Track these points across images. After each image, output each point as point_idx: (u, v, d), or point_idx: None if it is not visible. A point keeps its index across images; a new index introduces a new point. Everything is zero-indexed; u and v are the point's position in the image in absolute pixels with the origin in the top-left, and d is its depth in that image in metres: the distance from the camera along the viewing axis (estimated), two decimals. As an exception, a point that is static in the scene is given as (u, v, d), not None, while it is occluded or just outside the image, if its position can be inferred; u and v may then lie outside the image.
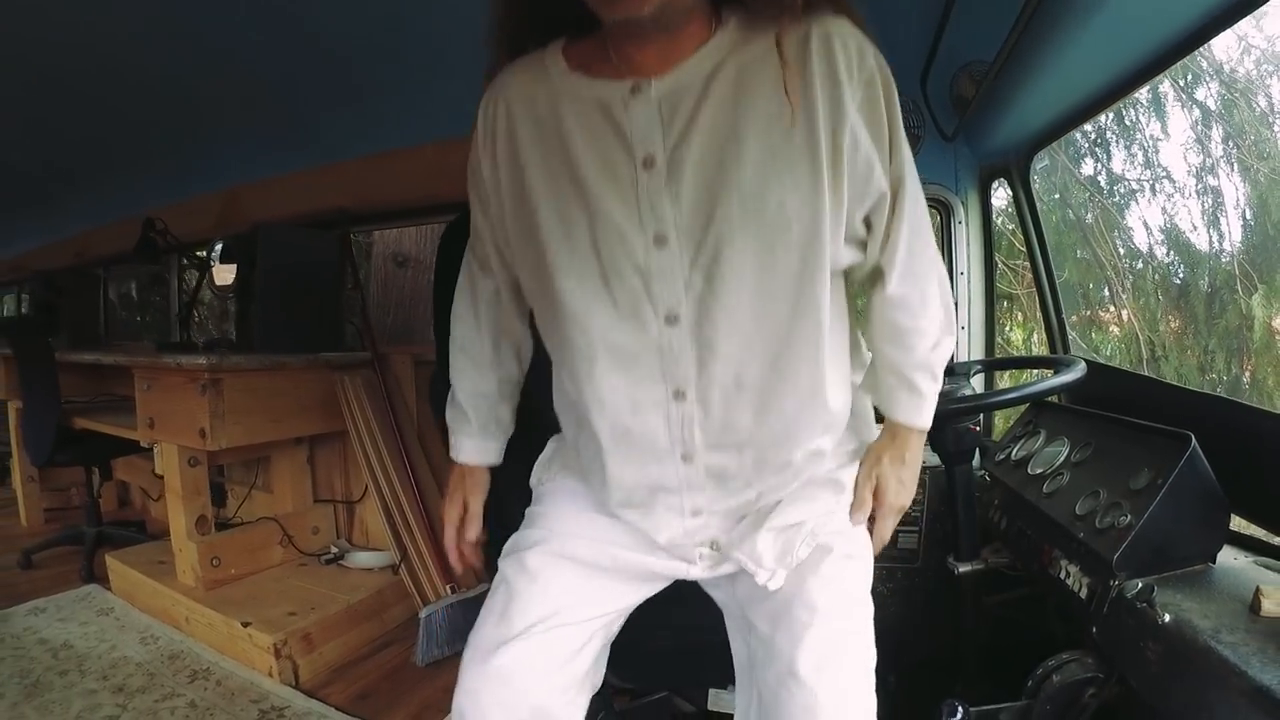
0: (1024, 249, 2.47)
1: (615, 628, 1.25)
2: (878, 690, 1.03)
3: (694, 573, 1.17)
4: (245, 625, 2.55)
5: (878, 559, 1.19)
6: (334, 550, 3.21)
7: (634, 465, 1.09)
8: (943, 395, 1.74)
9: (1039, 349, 3.57)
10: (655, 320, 0.99)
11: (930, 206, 2.48)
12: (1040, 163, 2.34)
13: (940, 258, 1.12)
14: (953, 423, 1.72)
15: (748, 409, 1.03)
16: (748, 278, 0.95)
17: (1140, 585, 1.17)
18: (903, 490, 1.18)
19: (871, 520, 1.19)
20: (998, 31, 1.73)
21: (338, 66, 3.27)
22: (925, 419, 1.16)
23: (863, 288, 1.15)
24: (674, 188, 0.94)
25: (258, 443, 2.99)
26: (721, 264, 0.94)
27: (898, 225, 1.04)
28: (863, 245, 1.06)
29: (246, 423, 2.79)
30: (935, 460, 2.10)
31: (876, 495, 1.17)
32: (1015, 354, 3.90)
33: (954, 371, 2.00)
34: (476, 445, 1.33)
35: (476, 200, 1.15)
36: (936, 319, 1.11)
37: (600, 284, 0.99)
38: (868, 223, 1.05)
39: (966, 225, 2.46)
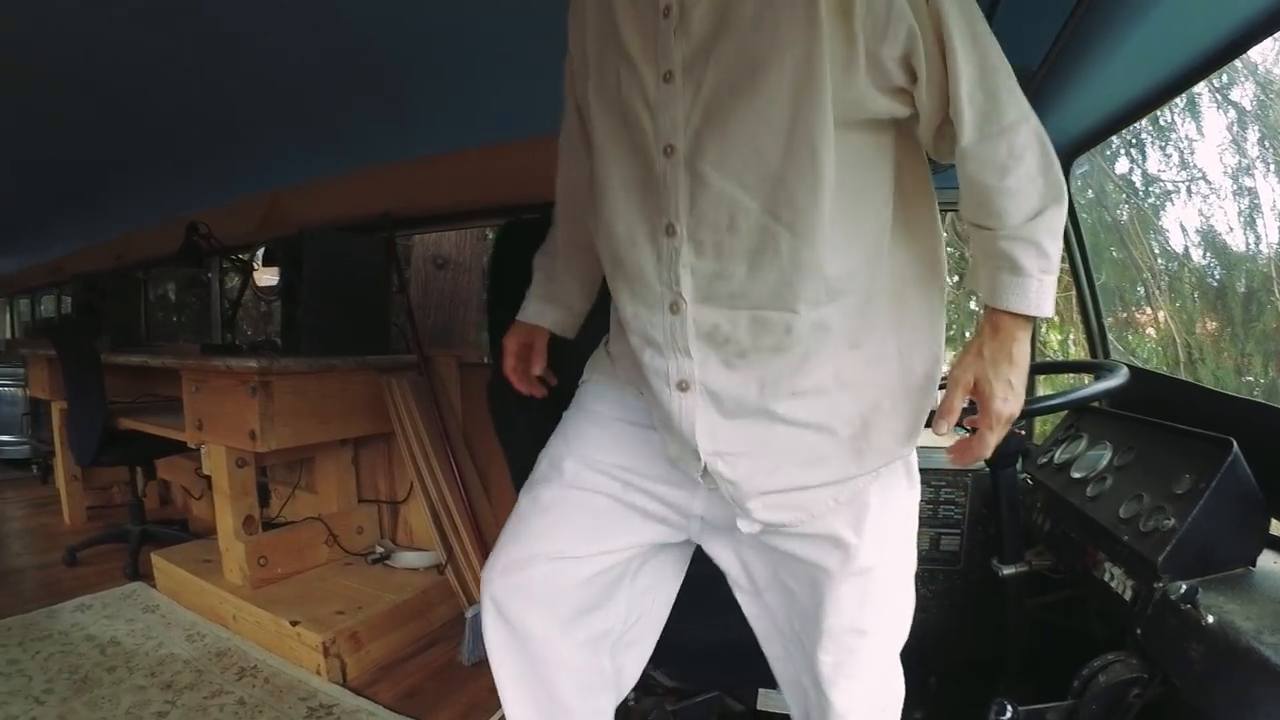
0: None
1: (629, 577, 1.30)
2: (919, 691, 1.06)
3: (695, 507, 1.21)
4: (294, 624, 2.58)
5: (920, 561, 1.20)
6: (380, 550, 3.25)
7: (633, 306, 1.11)
8: None
9: (1075, 350, 3.55)
10: (657, 152, 1.03)
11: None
12: (1080, 168, 2.33)
13: (1025, 102, 0.98)
14: None
15: (741, 257, 1.01)
16: (739, 110, 0.97)
17: (1184, 588, 1.18)
18: (1012, 396, 0.99)
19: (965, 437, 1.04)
20: (1036, 38, 1.74)
21: (381, 73, 3.31)
22: (1036, 303, 0.97)
23: (940, 152, 1.05)
24: (685, 29, 1.00)
25: (305, 444, 3.03)
26: (718, 97, 0.98)
27: (956, 66, 0.94)
28: (903, 94, 1.00)
29: (295, 425, 2.83)
30: (976, 465, 2.12)
31: (980, 400, 1.00)
32: (1051, 354, 3.89)
33: None
34: (538, 309, 1.42)
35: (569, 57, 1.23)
36: (1033, 179, 0.96)
37: (620, 120, 1.08)
38: (910, 67, 0.97)
39: None
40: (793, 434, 1.07)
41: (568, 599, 1.23)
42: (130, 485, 3.88)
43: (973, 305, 3.99)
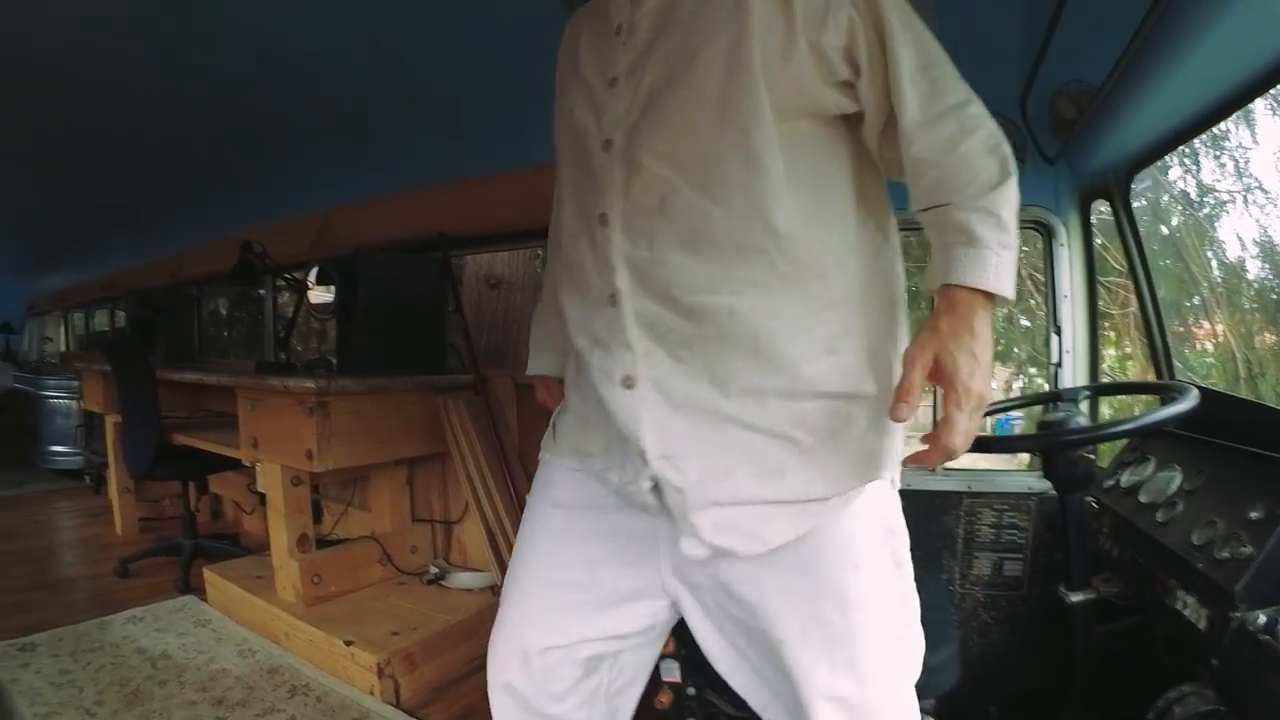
0: (1117, 265, 2.43)
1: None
2: None
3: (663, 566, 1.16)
4: (348, 643, 2.58)
5: (982, 586, 1.15)
6: (434, 570, 3.25)
7: (580, 308, 1.12)
8: (1055, 424, 1.73)
9: (1131, 367, 3.48)
10: (597, 149, 1.09)
11: (1031, 229, 2.46)
12: (1141, 183, 2.28)
13: (971, 91, 0.99)
14: (1066, 451, 1.69)
15: (675, 242, 1.00)
16: (674, 94, 1.02)
17: (1264, 618, 1.14)
18: (977, 370, 0.88)
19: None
20: (1098, 51, 1.75)
21: (434, 94, 3.35)
22: (995, 279, 0.91)
23: (887, 159, 1.06)
24: (631, 39, 1.09)
25: (361, 465, 3.04)
26: (655, 89, 1.04)
27: (896, 53, 0.97)
28: (849, 88, 1.02)
29: (352, 445, 2.84)
30: (1040, 487, 2.07)
31: (943, 378, 0.90)
32: (1108, 372, 3.81)
33: (1062, 398, 1.99)
34: (535, 359, 1.48)
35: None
36: (987, 152, 0.95)
37: (572, 131, 1.15)
38: (853, 60, 1.00)
39: (1069, 248, 2.41)
40: (749, 440, 1.01)
41: (558, 683, 1.23)
42: (183, 499, 3.92)
43: (1025, 322, 3.90)
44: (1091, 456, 1.74)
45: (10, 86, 3.80)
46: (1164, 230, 3.96)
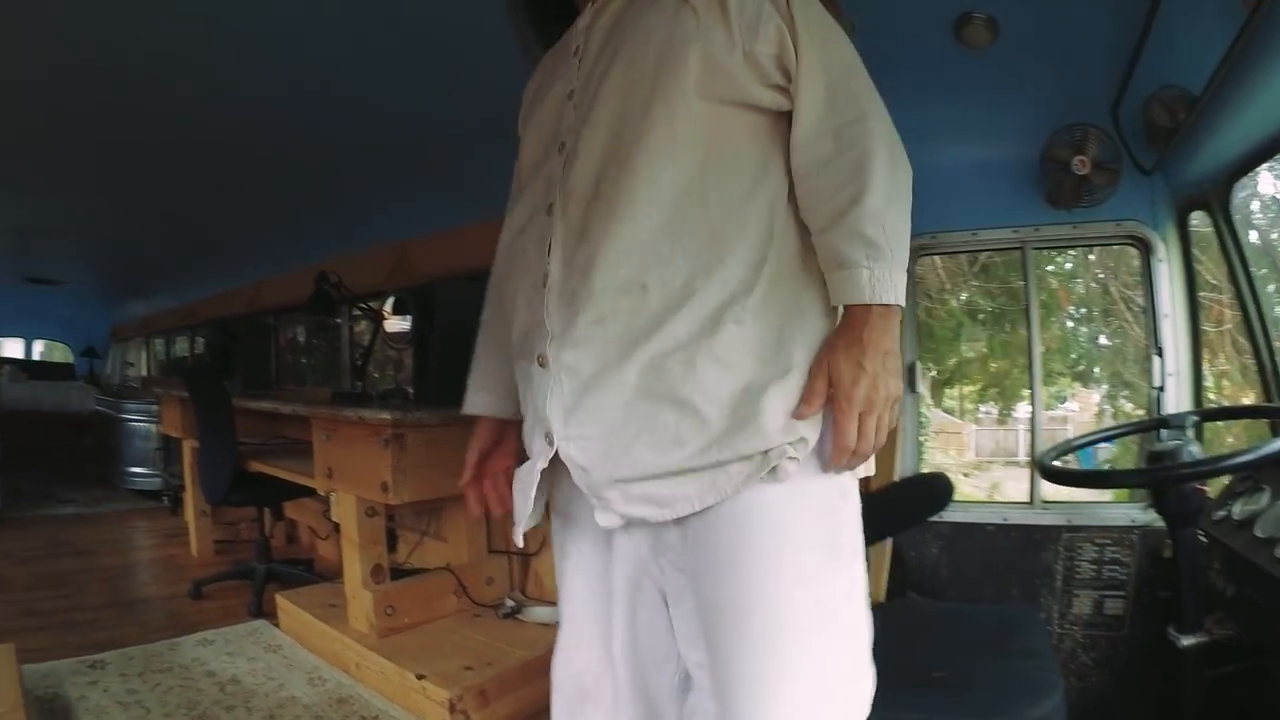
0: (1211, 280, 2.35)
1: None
2: None
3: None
4: (420, 677, 2.55)
5: (1082, 626, 1.08)
6: (510, 603, 3.21)
7: (524, 295, 1.14)
8: (1165, 455, 1.64)
9: (1227, 386, 3.32)
10: (553, 153, 1.14)
11: (1127, 244, 2.42)
12: (1243, 191, 2.17)
13: (873, 103, 1.04)
14: (1177, 485, 1.61)
15: (601, 222, 1.03)
16: (611, 91, 1.08)
17: None
18: (862, 377, 0.96)
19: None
20: (1195, 56, 1.70)
21: (505, 126, 3.38)
22: (870, 292, 0.97)
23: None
24: (587, 55, 1.15)
25: (437, 497, 3.03)
26: (602, 92, 1.09)
27: (800, 65, 1.02)
28: (784, 91, 1.05)
29: (427, 476, 2.81)
30: (1144, 519, 1.97)
31: (832, 384, 0.98)
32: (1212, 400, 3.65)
33: (1168, 424, 1.89)
34: (470, 398, 1.48)
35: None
36: (856, 169, 0.99)
37: (534, 145, 1.21)
38: (784, 68, 1.03)
39: (1168, 263, 2.33)
40: (649, 409, 1.01)
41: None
42: (257, 524, 3.98)
43: (1105, 339, 3.75)
44: (1203, 488, 1.65)
45: (110, 134, 4.01)
46: (1255, 239, 3.80)
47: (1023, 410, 3.58)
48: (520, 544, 1.21)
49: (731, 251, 1.01)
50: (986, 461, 4.23)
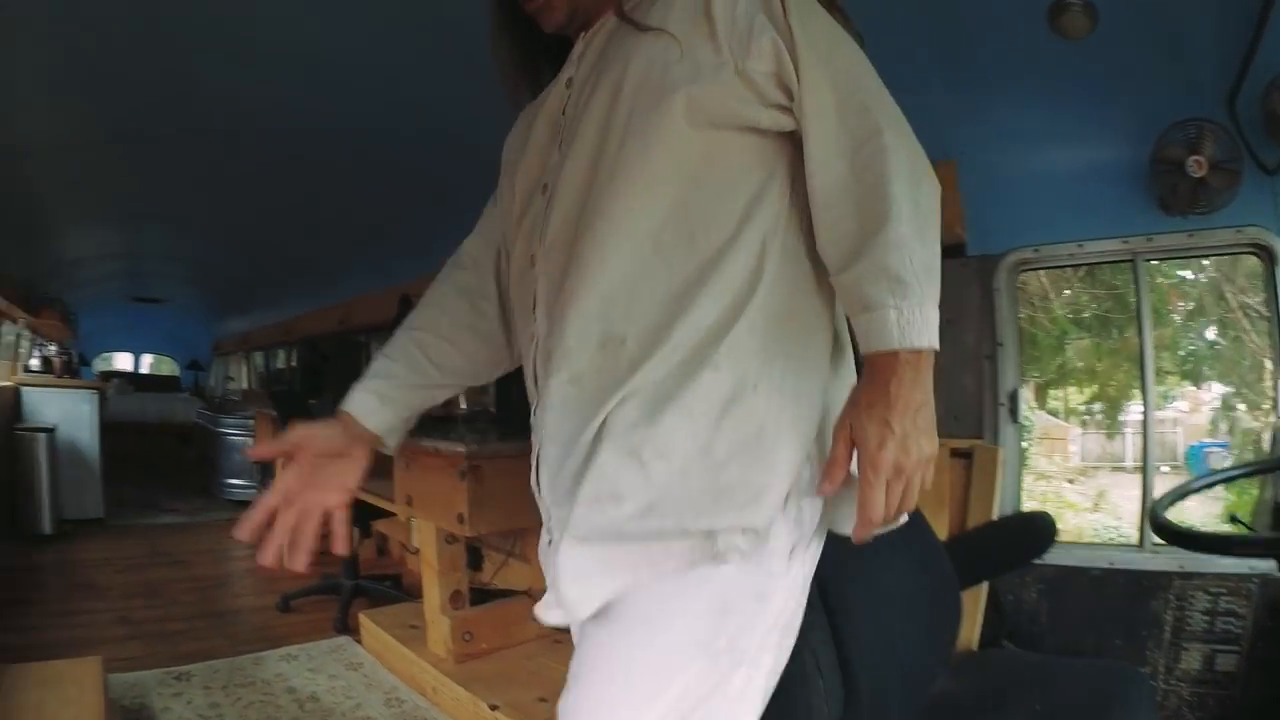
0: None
1: None
2: None
3: None
4: (493, 708, 2.56)
5: (1190, 683, 1.00)
6: (591, 631, 3.21)
7: (527, 351, 1.08)
8: None
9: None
10: (536, 195, 1.07)
11: (1249, 253, 2.23)
12: None
13: (891, 116, 0.92)
14: None
15: (576, 273, 0.95)
16: (592, 131, 0.99)
17: None
18: (890, 439, 0.84)
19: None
20: None
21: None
22: (900, 336, 0.85)
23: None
24: (575, 93, 1.06)
25: (515, 528, 3.02)
26: (578, 129, 1.01)
27: (804, 85, 0.91)
28: (786, 110, 0.95)
29: (505, 507, 2.75)
30: (1264, 567, 1.85)
31: (857, 447, 0.87)
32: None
33: None
34: (360, 398, 1.22)
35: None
36: (867, 197, 0.88)
37: (522, 185, 1.11)
38: (785, 86, 0.93)
39: None
40: (607, 460, 0.91)
41: None
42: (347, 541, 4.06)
43: (1214, 335, 3.48)
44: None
45: (210, 163, 4.27)
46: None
47: (1131, 412, 3.47)
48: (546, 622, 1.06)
49: (708, 293, 0.92)
50: (1093, 467, 4.03)
